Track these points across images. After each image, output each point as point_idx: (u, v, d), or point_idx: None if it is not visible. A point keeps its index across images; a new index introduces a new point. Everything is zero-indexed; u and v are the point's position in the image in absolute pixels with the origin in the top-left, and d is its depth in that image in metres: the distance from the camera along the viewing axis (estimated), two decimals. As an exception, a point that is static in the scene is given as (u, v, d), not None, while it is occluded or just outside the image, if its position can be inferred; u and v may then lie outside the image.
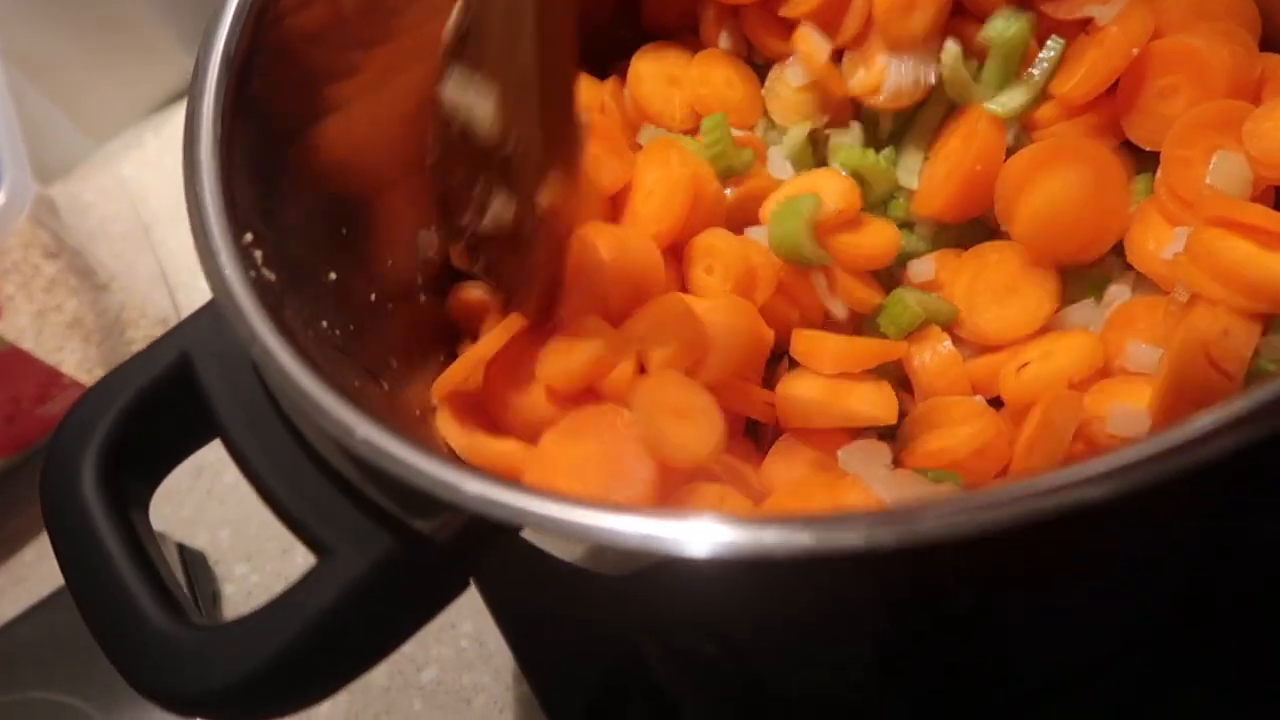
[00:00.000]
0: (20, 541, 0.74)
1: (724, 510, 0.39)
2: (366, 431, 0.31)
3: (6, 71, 0.67)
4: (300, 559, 0.69)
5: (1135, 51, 0.50)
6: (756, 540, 0.27)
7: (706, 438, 0.40)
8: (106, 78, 0.91)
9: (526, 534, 0.33)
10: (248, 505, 0.71)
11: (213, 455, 0.72)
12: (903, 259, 0.53)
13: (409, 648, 0.62)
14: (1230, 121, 0.46)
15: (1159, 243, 0.48)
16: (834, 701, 0.56)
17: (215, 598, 0.68)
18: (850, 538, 0.26)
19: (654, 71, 0.59)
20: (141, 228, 0.88)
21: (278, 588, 0.70)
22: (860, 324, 0.53)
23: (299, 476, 0.35)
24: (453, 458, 0.47)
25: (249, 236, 0.38)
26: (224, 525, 0.71)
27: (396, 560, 0.33)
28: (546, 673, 0.60)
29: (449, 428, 0.49)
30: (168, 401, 0.38)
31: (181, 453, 0.39)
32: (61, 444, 0.37)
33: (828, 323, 0.52)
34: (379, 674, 0.63)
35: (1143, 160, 0.51)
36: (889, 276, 0.54)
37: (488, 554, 0.35)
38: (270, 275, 0.38)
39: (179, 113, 0.95)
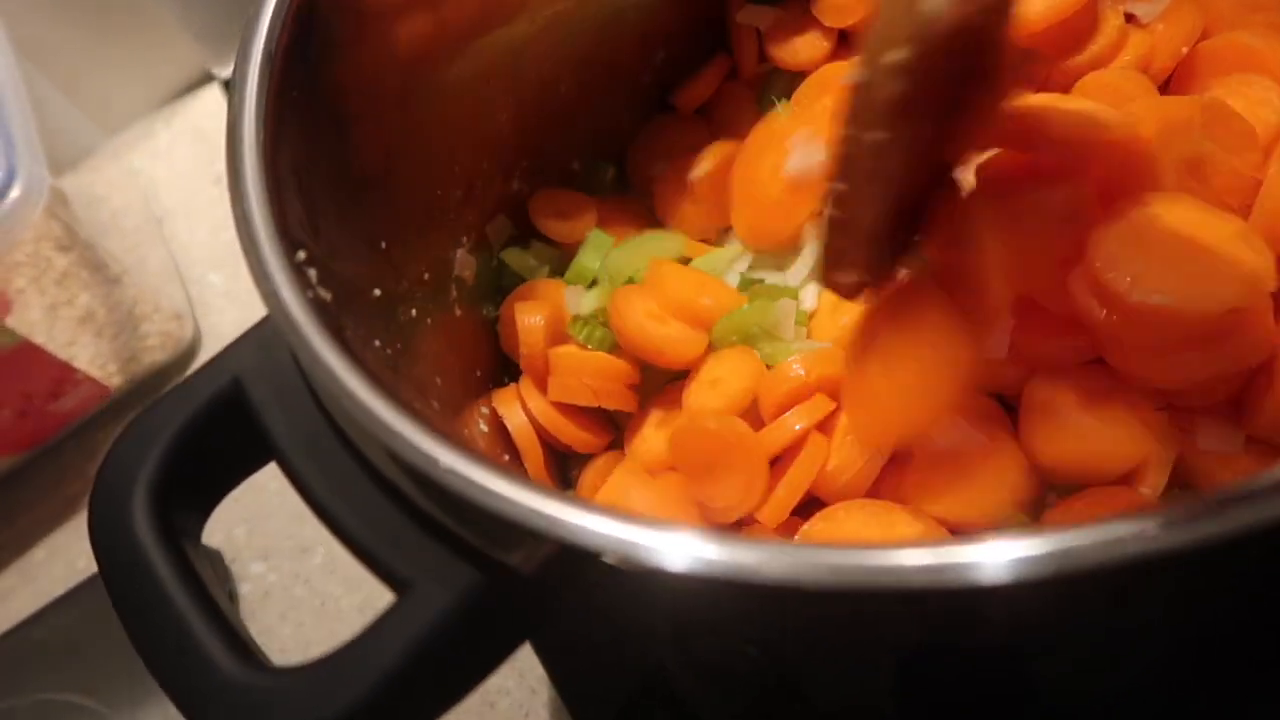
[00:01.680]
0: (31, 539, 0.72)
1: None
2: (452, 461, 0.29)
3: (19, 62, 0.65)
4: (319, 558, 0.67)
5: (1185, 50, 0.49)
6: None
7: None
8: (117, 68, 0.89)
9: (610, 559, 0.31)
10: (264, 503, 0.70)
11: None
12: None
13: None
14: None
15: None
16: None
17: (232, 597, 0.67)
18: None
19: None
20: (154, 220, 0.86)
21: (295, 587, 0.69)
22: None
23: (367, 506, 0.33)
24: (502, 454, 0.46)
25: (301, 254, 0.36)
26: (240, 523, 0.70)
27: (481, 593, 0.31)
28: (575, 681, 0.58)
29: (530, 393, 0.51)
30: (219, 428, 0.36)
31: (234, 480, 0.38)
32: (111, 474, 0.35)
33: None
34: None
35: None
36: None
37: (573, 582, 0.33)
38: (326, 294, 0.36)
39: (191, 104, 0.94)
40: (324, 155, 0.42)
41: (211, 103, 0.94)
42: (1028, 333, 0.43)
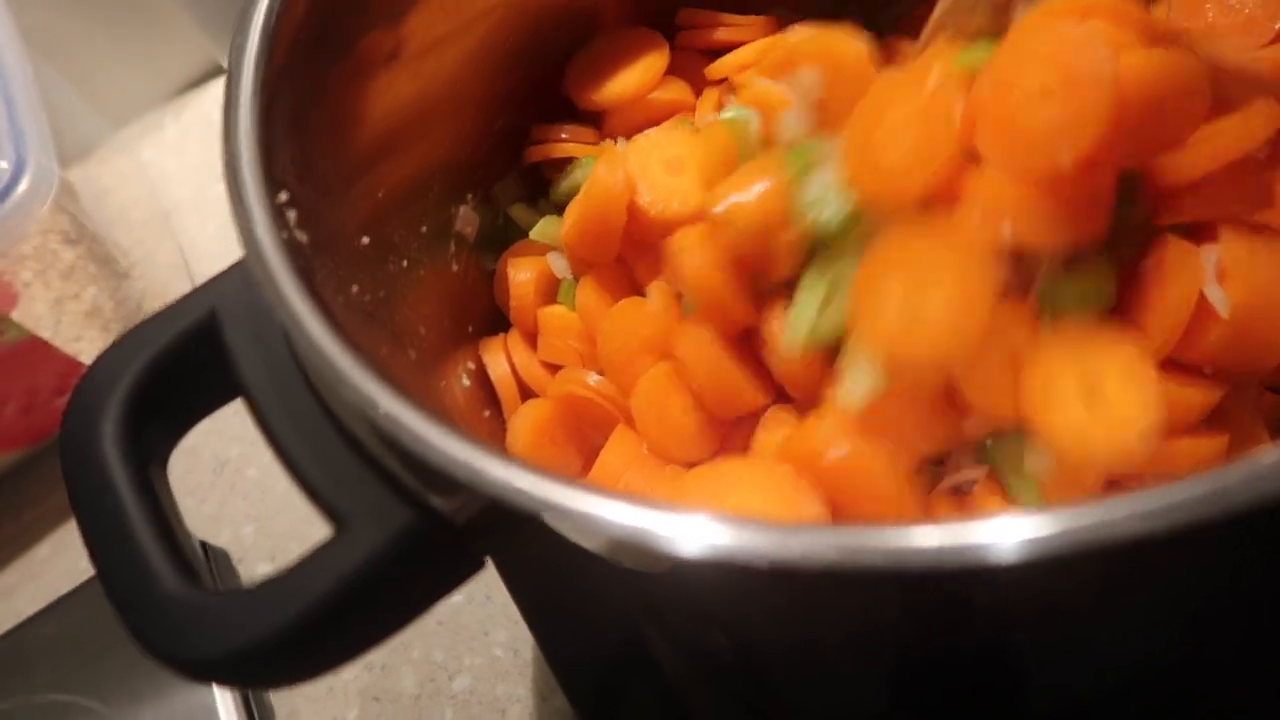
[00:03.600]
0: (35, 536, 0.73)
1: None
2: (390, 406, 0.30)
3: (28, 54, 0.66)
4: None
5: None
6: (782, 546, 0.26)
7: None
8: (125, 60, 0.89)
9: (548, 520, 0.32)
10: (271, 503, 0.70)
11: (235, 451, 0.72)
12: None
13: (440, 656, 0.62)
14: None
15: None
16: (842, 714, 0.55)
17: None
18: (876, 558, 0.25)
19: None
20: (162, 214, 0.86)
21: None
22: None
23: (321, 444, 0.34)
24: (482, 440, 0.47)
25: (283, 196, 0.37)
26: (248, 523, 0.70)
27: (413, 536, 0.32)
28: (559, 649, 0.59)
29: (516, 343, 0.52)
30: (193, 357, 0.38)
31: (203, 410, 0.39)
32: (84, 394, 0.36)
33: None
34: (409, 681, 0.62)
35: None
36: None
37: (507, 536, 0.34)
38: (303, 237, 0.37)
39: (199, 97, 0.94)
40: (326, 100, 0.43)
41: (220, 95, 0.94)
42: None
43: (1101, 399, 0.37)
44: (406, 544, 0.32)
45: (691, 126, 0.54)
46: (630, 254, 0.51)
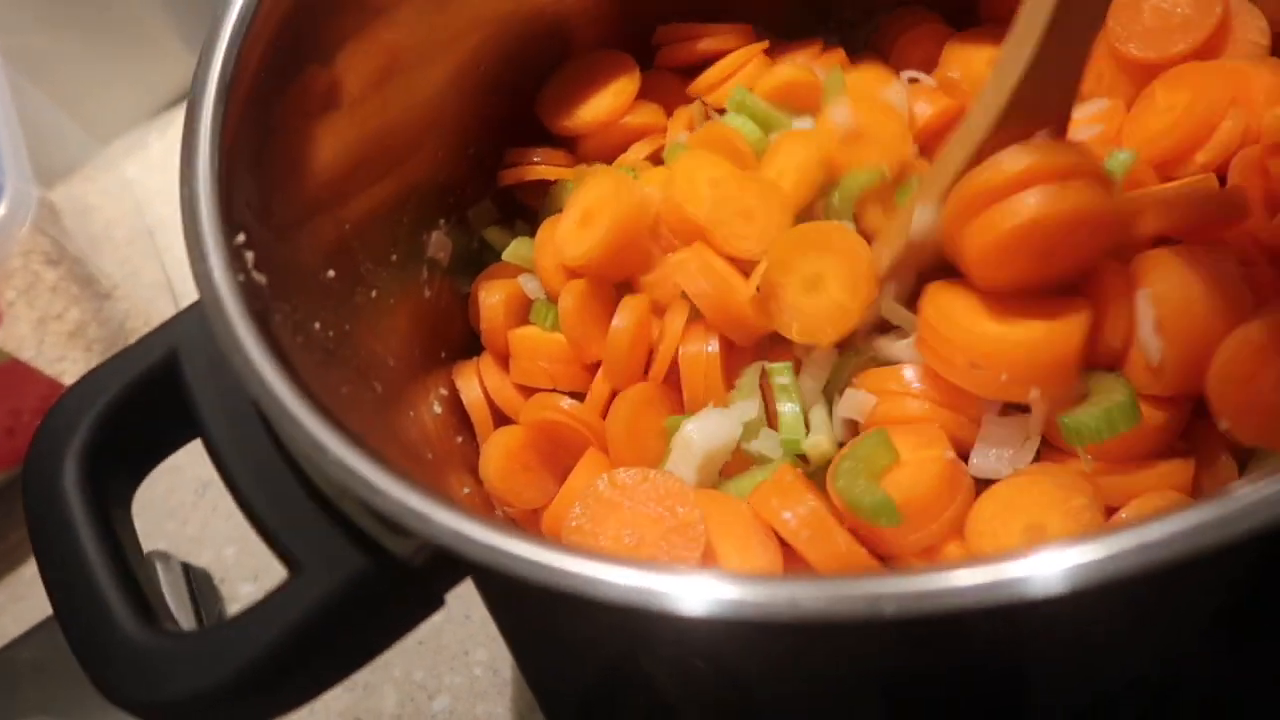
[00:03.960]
0: (20, 557, 0.73)
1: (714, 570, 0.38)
2: (340, 452, 0.31)
3: (8, 73, 0.65)
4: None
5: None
6: (742, 601, 0.27)
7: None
8: (110, 78, 0.89)
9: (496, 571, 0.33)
10: None
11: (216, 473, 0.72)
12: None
13: (420, 675, 0.62)
14: None
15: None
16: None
17: (221, 617, 0.67)
18: (856, 607, 0.26)
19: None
20: (146, 233, 0.86)
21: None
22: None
23: (276, 487, 0.35)
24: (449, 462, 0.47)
25: (241, 237, 0.37)
26: (230, 543, 0.70)
27: (367, 580, 0.32)
28: (538, 668, 0.59)
29: (489, 368, 0.53)
30: (153, 398, 0.38)
31: (164, 450, 0.39)
32: (45, 437, 0.37)
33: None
34: (389, 701, 0.62)
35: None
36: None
37: (464, 577, 0.34)
38: (260, 278, 0.37)
39: (183, 114, 0.94)
40: (289, 135, 0.43)
41: None
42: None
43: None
44: (360, 587, 0.32)
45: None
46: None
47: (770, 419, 0.49)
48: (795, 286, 0.47)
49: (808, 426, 0.48)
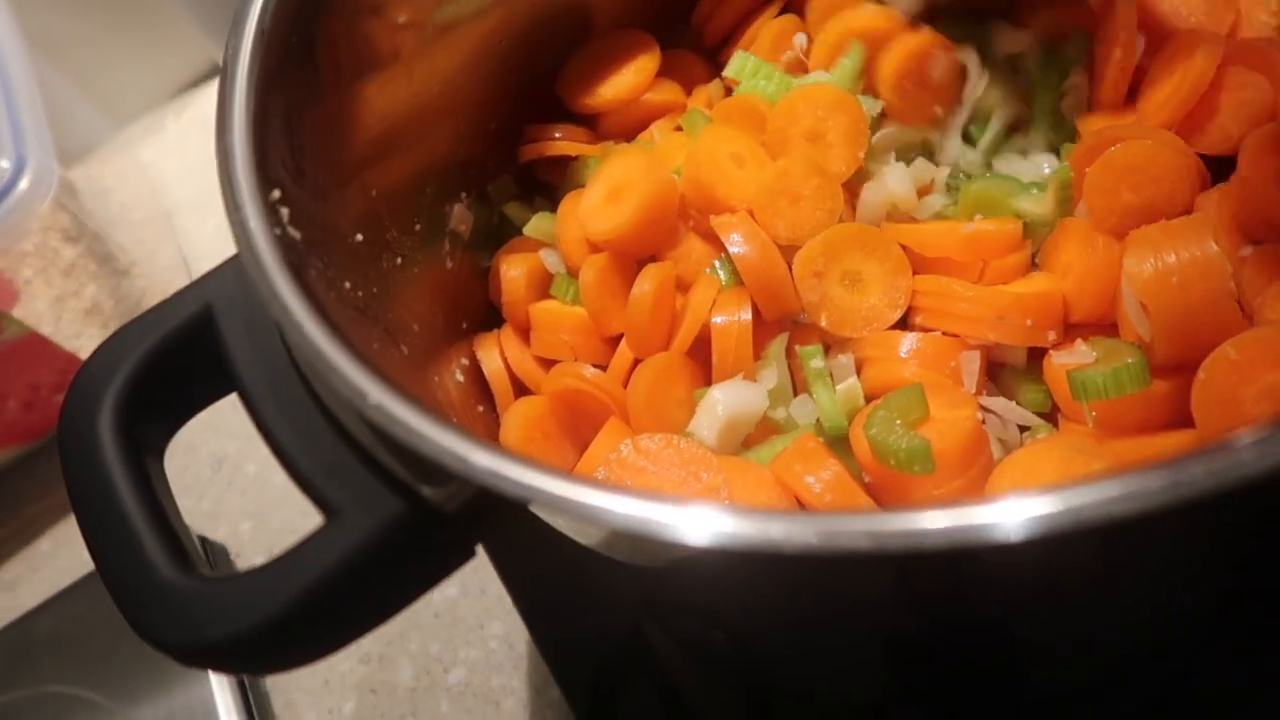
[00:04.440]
0: (37, 530, 0.74)
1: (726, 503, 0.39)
2: (380, 397, 0.31)
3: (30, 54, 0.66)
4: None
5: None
6: (760, 533, 0.27)
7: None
8: (127, 60, 0.90)
9: (535, 509, 0.33)
10: (269, 498, 0.71)
11: (233, 447, 0.73)
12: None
13: (436, 648, 0.62)
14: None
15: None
16: (841, 701, 0.55)
17: None
18: (857, 541, 0.26)
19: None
20: (162, 213, 0.87)
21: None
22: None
23: (312, 436, 0.35)
24: (475, 432, 0.48)
25: (276, 193, 0.38)
26: (245, 518, 0.71)
27: (402, 525, 0.33)
28: (554, 642, 0.60)
29: (509, 339, 0.53)
30: (188, 352, 0.38)
31: (199, 403, 0.40)
32: (82, 386, 0.37)
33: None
34: (405, 674, 0.62)
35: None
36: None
37: (494, 525, 0.35)
38: (295, 234, 0.38)
39: (200, 97, 0.95)
40: (319, 102, 0.44)
41: None
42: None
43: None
44: (396, 531, 0.33)
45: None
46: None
47: (797, 387, 0.49)
48: (836, 277, 0.48)
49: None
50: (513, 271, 0.54)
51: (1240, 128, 0.48)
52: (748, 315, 0.49)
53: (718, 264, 0.51)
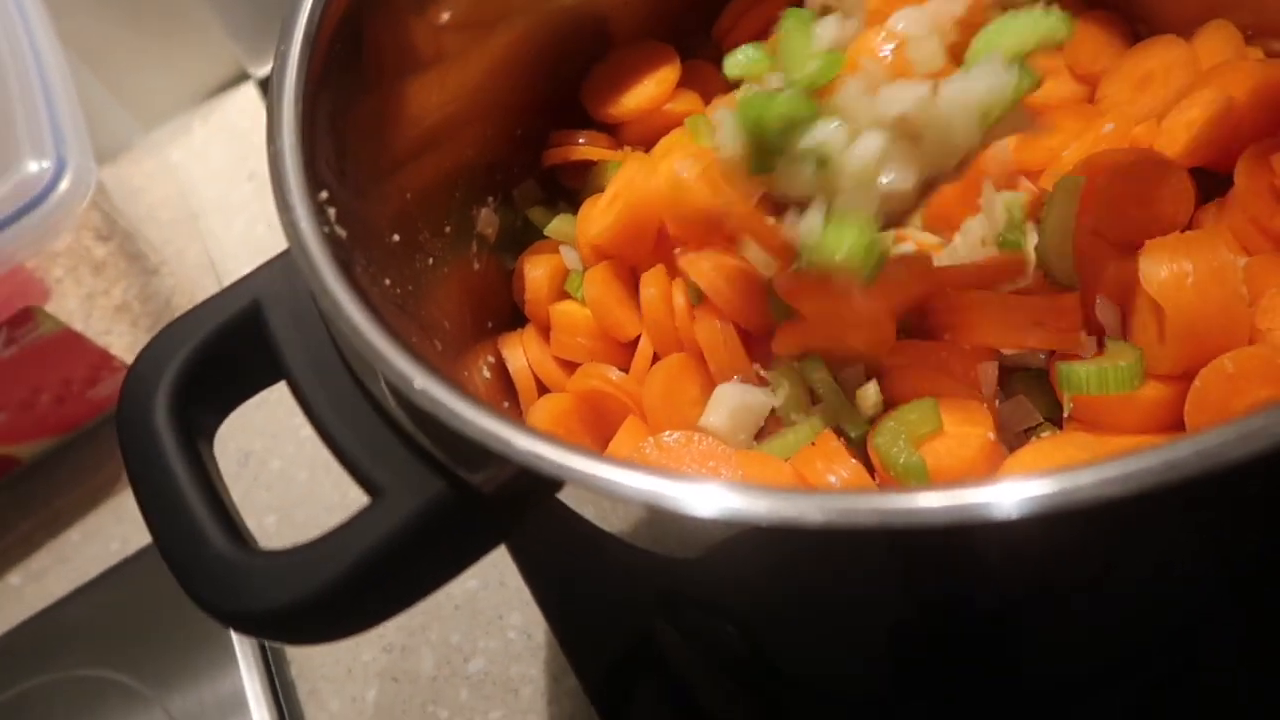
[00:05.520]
0: (67, 521, 0.76)
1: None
2: (425, 382, 0.33)
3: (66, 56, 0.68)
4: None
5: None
6: (772, 509, 0.29)
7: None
8: (157, 64, 0.92)
9: (567, 495, 0.35)
10: (293, 494, 0.73)
11: (259, 443, 0.76)
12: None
13: (456, 638, 0.64)
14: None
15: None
16: (847, 692, 0.57)
17: None
18: (866, 519, 0.28)
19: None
20: (190, 214, 0.88)
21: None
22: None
23: (358, 421, 0.37)
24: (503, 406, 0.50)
25: (324, 194, 0.40)
26: (270, 512, 0.73)
27: (444, 505, 0.35)
28: (572, 633, 0.62)
29: (531, 339, 0.55)
30: (238, 342, 0.40)
31: (249, 390, 0.42)
32: (139, 374, 0.39)
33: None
34: (426, 663, 0.64)
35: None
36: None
37: (528, 508, 0.37)
38: (341, 232, 0.40)
39: (226, 102, 0.96)
40: (361, 105, 0.46)
41: (246, 101, 0.96)
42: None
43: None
44: (438, 511, 0.35)
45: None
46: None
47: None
48: None
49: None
50: (536, 271, 0.57)
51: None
52: (729, 325, 0.51)
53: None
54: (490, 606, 0.65)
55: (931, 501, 0.28)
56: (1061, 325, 0.48)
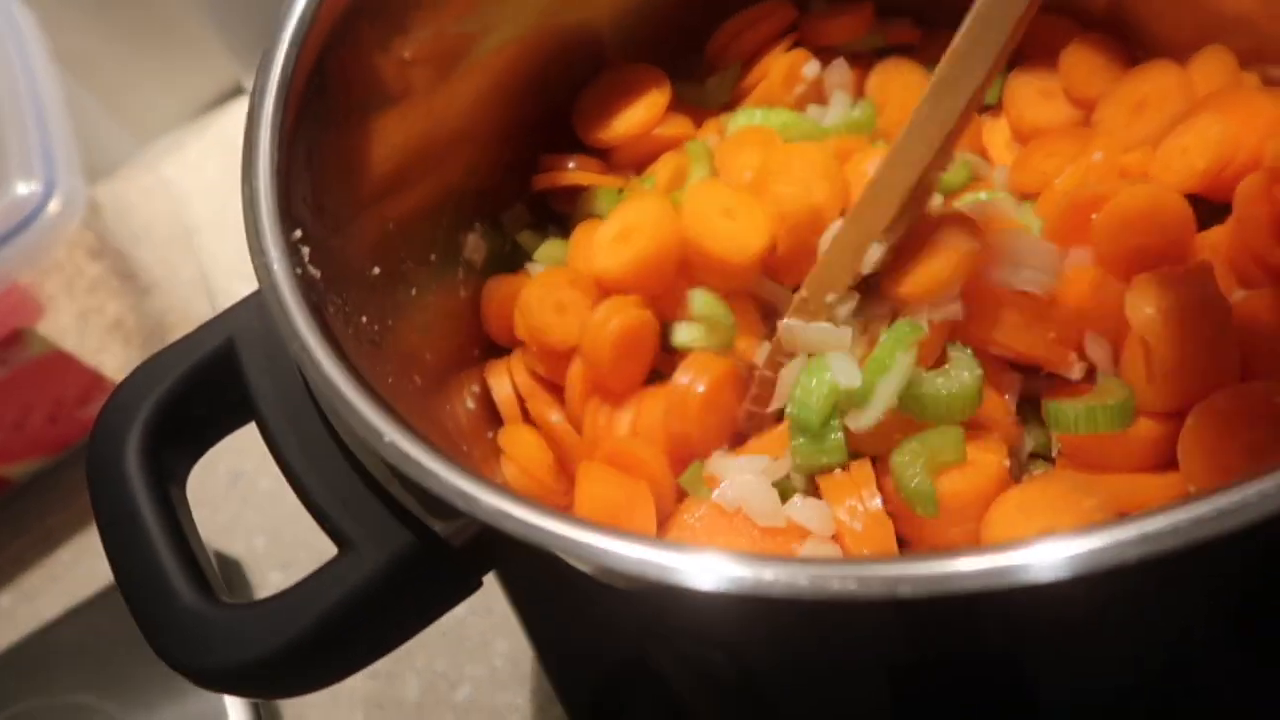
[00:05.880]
0: (57, 541, 0.75)
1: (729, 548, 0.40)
2: (395, 436, 0.32)
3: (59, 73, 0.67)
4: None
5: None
6: (757, 578, 0.28)
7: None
8: (151, 79, 0.91)
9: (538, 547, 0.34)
10: (283, 513, 0.73)
11: (249, 463, 0.75)
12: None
13: (442, 665, 0.64)
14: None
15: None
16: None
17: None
18: (846, 587, 0.27)
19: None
20: (184, 232, 0.88)
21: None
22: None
23: (328, 468, 0.37)
24: (485, 456, 0.49)
25: (298, 233, 0.39)
26: (259, 533, 0.73)
27: (413, 558, 0.34)
28: (559, 661, 0.61)
29: (518, 366, 0.54)
30: (211, 384, 0.40)
31: (220, 432, 0.41)
32: (110, 416, 0.39)
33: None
34: (412, 690, 0.64)
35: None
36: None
37: (501, 558, 0.36)
38: (315, 272, 0.39)
39: (221, 117, 0.96)
40: (340, 137, 0.46)
41: (242, 116, 0.94)
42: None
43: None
44: (407, 564, 0.34)
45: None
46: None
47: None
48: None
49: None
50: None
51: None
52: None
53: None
54: (477, 633, 0.65)
55: (910, 570, 0.27)
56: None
